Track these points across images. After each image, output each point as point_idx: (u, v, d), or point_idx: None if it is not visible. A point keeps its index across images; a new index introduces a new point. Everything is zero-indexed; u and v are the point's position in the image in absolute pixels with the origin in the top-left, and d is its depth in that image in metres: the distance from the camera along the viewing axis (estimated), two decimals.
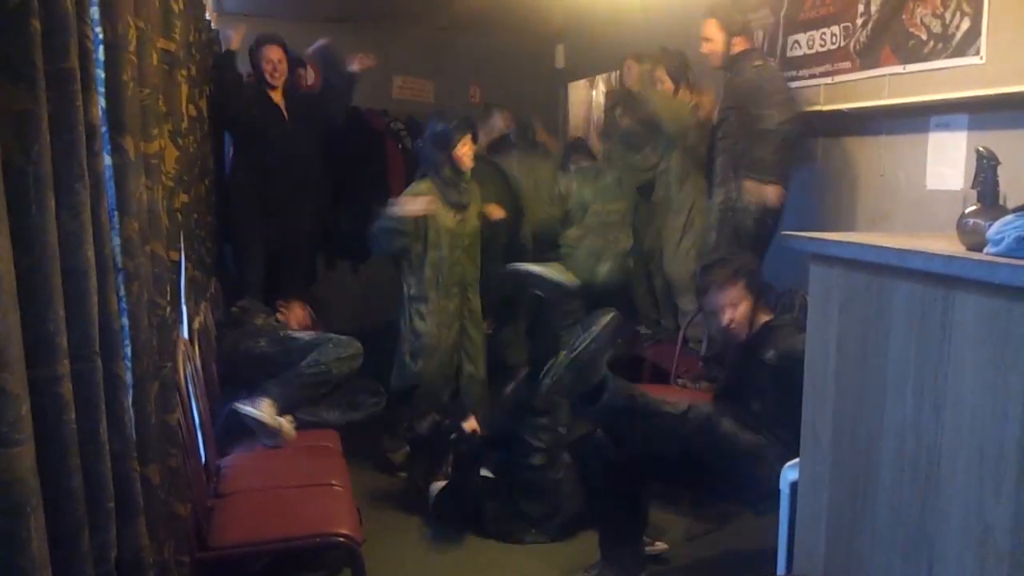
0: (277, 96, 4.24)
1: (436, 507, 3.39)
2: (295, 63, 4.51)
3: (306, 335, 3.36)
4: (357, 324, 4.16)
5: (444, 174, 3.68)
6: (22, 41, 1.09)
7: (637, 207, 4.38)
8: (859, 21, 3.31)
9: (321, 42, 4.35)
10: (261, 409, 3.01)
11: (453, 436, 3.51)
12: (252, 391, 3.10)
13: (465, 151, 3.69)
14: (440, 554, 3.19)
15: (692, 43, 4.12)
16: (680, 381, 3.76)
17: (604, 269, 4.19)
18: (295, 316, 3.78)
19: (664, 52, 4.18)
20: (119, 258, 1.59)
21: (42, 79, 1.13)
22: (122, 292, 1.60)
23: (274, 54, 4.17)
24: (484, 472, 3.51)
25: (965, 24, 2.82)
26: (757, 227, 3.54)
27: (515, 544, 3.22)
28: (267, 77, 4.17)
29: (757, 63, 3.50)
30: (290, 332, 3.43)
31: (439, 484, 3.45)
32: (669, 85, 4.18)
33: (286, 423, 3.06)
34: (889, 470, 1.58)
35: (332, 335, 3.31)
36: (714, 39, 3.57)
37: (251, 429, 3.02)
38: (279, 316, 3.73)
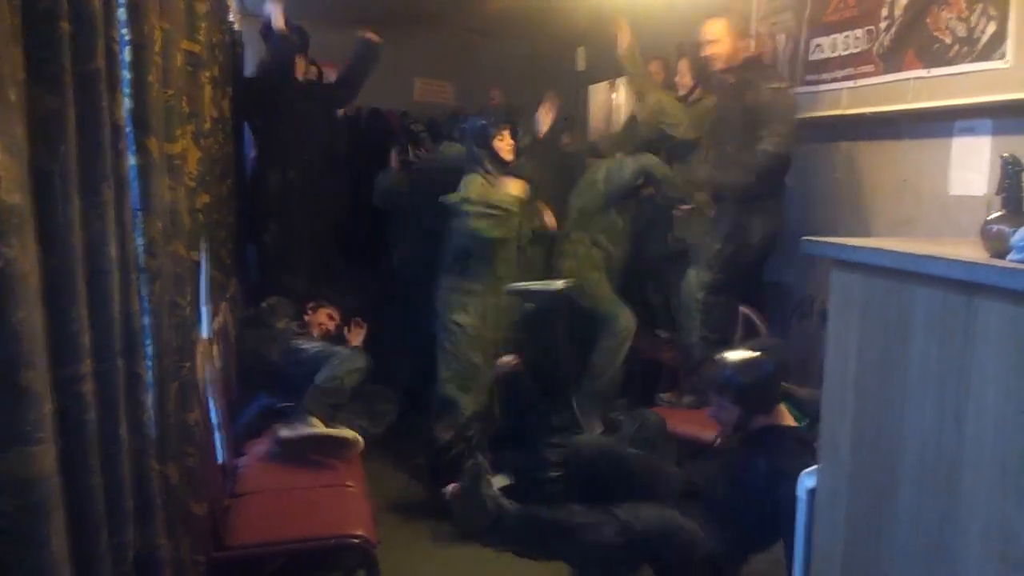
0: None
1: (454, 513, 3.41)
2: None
3: (312, 347, 3.32)
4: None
5: (486, 168, 3.69)
6: (50, 42, 1.11)
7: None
8: (883, 24, 3.28)
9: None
10: (308, 426, 2.98)
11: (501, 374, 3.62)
12: (272, 394, 3.12)
13: (503, 144, 3.70)
14: (454, 557, 3.19)
15: None
16: (664, 397, 3.74)
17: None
18: (316, 321, 3.78)
19: (691, 46, 4.12)
20: (142, 258, 1.60)
21: (69, 80, 1.14)
22: (144, 292, 1.61)
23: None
24: (502, 478, 3.52)
25: (991, 28, 2.79)
26: (763, 246, 3.54)
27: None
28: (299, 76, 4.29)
29: (775, 85, 3.41)
30: (298, 343, 3.40)
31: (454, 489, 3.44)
32: (689, 80, 4.15)
33: (347, 430, 3.06)
34: (909, 479, 1.56)
35: (337, 349, 3.28)
36: (721, 40, 3.48)
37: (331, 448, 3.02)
38: (306, 317, 3.73)
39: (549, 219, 4.03)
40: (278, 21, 4.16)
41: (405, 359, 4.38)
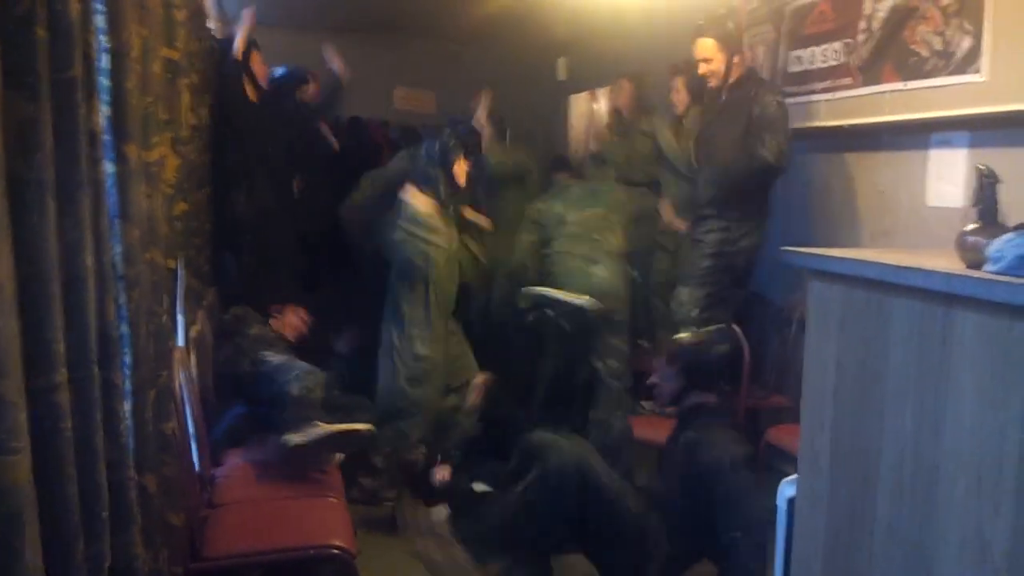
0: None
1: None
2: (299, 79, 4.55)
3: (275, 359, 3.28)
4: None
5: (440, 192, 3.67)
6: (27, 49, 1.10)
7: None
8: (861, 37, 3.32)
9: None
10: (319, 429, 2.94)
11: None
12: (247, 404, 3.11)
13: (460, 168, 3.69)
14: (434, 568, 3.17)
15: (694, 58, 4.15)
16: (646, 405, 3.74)
17: (599, 270, 4.17)
18: (288, 324, 3.75)
19: (686, 65, 4.17)
20: (119, 266, 1.58)
21: (46, 87, 1.13)
22: (122, 300, 1.60)
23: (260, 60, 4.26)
24: (481, 485, 3.51)
25: (966, 42, 2.83)
26: (747, 265, 3.57)
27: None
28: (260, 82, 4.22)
29: (779, 98, 3.37)
30: (264, 354, 3.36)
31: (440, 509, 3.43)
32: (685, 98, 4.18)
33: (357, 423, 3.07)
34: (887, 488, 1.57)
35: (296, 362, 3.23)
36: (714, 59, 3.45)
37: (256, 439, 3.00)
38: (272, 323, 3.70)
39: (482, 220, 4.01)
40: (237, 46, 4.11)
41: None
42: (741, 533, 2.34)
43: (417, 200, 3.65)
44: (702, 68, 3.50)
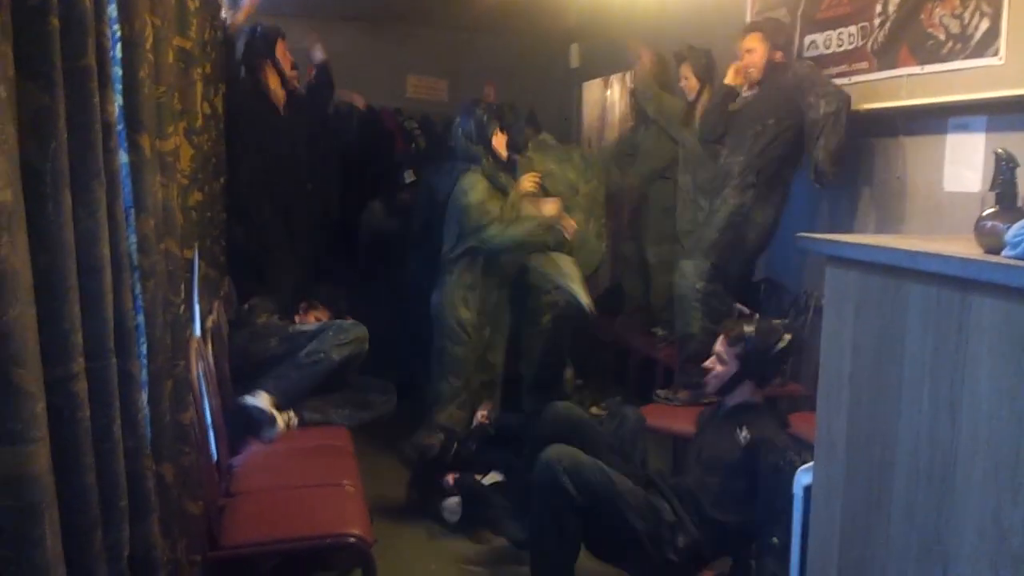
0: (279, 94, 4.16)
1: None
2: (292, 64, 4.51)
3: (311, 326, 3.32)
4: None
5: (485, 165, 3.71)
6: (40, 38, 1.10)
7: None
8: (877, 21, 3.28)
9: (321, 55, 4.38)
10: (259, 400, 3.02)
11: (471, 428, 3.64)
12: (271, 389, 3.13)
13: (500, 141, 3.75)
14: (451, 555, 3.19)
15: (707, 42, 4.12)
16: (660, 394, 3.74)
17: (599, 249, 4.24)
18: (311, 319, 3.76)
19: (690, 50, 4.15)
20: (135, 256, 1.59)
21: (60, 76, 1.13)
22: (137, 290, 1.60)
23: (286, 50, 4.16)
24: (494, 475, 3.52)
25: (984, 25, 2.80)
26: (760, 240, 3.55)
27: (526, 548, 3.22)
28: (287, 73, 4.13)
29: (826, 99, 3.32)
30: (298, 326, 3.41)
31: (452, 502, 3.45)
32: (695, 83, 4.15)
33: (280, 414, 3.06)
34: (904, 475, 1.56)
35: (336, 321, 3.28)
36: (756, 51, 3.54)
37: (257, 424, 3.03)
38: (297, 318, 3.71)
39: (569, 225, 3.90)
40: (318, 55, 4.13)
41: (396, 356, 4.38)
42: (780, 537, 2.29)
43: (471, 193, 3.66)
44: (744, 58, 3.59)
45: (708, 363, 2.76)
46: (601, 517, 2.48)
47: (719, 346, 2.73)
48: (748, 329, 2.69)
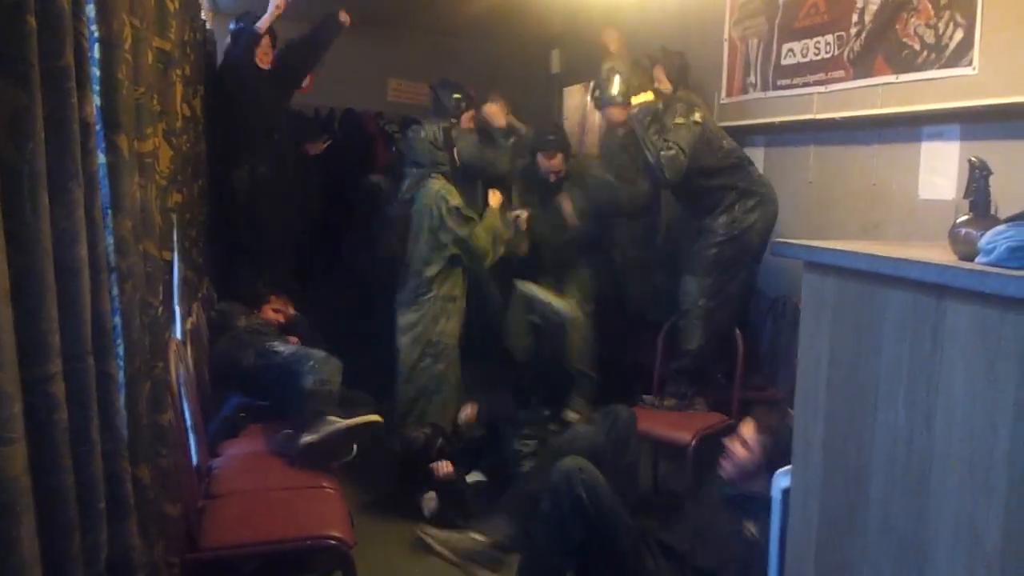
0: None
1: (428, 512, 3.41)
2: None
3: (286, 349, 3.24)
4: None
5: (448, 172, 3.76)
6: (17, 37, 1.09)
7: None
8: (853, 30, 3.32)
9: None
10: (333, 424, 2.90)
11: (456, 427, 3.65)
12: (246, 395, 3.10)
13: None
14: (432, 558, 3.18)
15: (689, 48, 4.14)
16: (647, 399, 3.75)
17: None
18: (268, 312, 3.76)
19: (664, 52, 4.17)
20: (112, 257, 1.58)
21: (37, 76, 1.13)
22: (115, 291, 1.59)
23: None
24: (477, 475, 3.52)
25: (958, 35, 2.84)
26: (760, 242, 3.58)
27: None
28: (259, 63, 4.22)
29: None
30: (273, 345, 3.33)
31: (430, 495, 3.44)
32: (668, 86, 4.17)
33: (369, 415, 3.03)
34: (880, 479, 1.58)
35: (310, 351, 3.18)
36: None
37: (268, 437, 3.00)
38: (264, 309, 3.70)
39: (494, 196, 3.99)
40: (263, 22, 4.14)
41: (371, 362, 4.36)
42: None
43: (451, 198, 3.71)
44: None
45: (729, 443, 2.56)
46: (600, 541, 2.49)
47: (747, 431, 2.53)
48: (781, 421, 2.46)
